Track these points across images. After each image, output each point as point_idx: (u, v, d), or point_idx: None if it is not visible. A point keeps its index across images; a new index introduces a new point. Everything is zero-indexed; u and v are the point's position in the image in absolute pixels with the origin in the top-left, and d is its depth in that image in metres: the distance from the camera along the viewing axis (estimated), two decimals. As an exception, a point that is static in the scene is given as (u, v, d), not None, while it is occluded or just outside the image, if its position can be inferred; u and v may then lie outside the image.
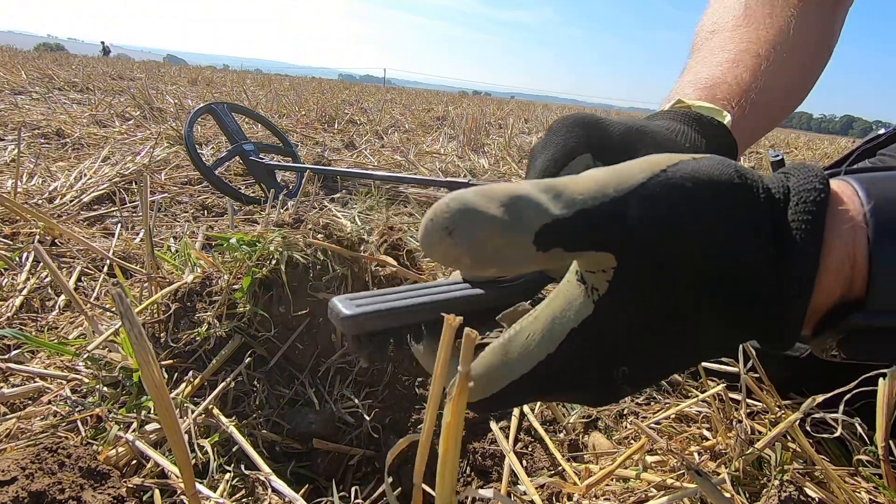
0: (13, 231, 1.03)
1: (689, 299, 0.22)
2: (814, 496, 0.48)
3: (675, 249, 0.21)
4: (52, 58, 8.24)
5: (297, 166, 1.70)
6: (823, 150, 5.69)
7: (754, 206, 0.22)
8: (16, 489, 0.41)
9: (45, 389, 0.59)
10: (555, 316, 0.23)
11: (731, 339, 0.24)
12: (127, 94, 3.65)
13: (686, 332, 0.23)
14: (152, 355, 0.30)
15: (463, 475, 0.58)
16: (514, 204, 0.20)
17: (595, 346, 0.23)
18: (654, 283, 0.22)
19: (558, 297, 0.24)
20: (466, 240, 0.20)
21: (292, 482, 0.53)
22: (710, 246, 0.21)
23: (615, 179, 0.22)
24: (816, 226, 0.21)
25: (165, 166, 1.77)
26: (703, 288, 0.22)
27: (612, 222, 0.21)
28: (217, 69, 15.48)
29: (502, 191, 0.20)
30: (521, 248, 0.20)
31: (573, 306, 0.23)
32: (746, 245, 0.22)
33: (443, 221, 0.20)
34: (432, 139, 3.26)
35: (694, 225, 0.21)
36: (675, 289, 0.22)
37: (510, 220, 0.20)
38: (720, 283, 0.22)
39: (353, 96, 6.99)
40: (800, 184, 0.23)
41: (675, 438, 0.56)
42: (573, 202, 0.21)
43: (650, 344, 0.23)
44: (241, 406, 0.60)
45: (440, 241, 0.20)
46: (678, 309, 0.22)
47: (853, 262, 0.22)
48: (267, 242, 0.65)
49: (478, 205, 0.20)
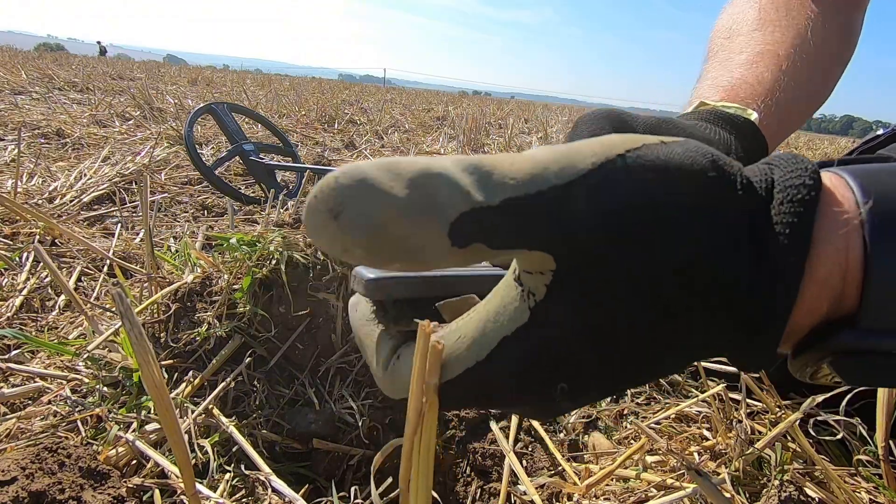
0: (13, 231, 1.03)
1: (642, 312, 0.18)
2: (814, 496, 0.48)
3: (626, 254, 0.18)
4: (52, 58, 8.24)
5: (297, 166, 1.70)
6: (823, 150, 5.69)
7: (730, 202, 0.19)
8: (16, 489, 0.41)
9: (45, 389, 0.59)
10: (488, 319, 0.20)
11: (690, 359, 0.21)
12: (127, 94, 3.65)
13: (635, 348, 0.19)
14: (152, 355, 0.30)
15: (463, 475, 0.58)
16: (426, 183, 0.16)
17: (530, 359, 0.19)
18: (600, 290, 0.18)
19: (495, 298, 0.20)
20: (359, 225, 0.15)
21: (292, 482, 0.53)
22: (672, 251, 0.18)
23: (559, 162, 0.17)
24: (803, 230, 0.18)
25: (165, 166, 1.77)
26: (661, 298, 0.18)
27: (549, 216, 0.17)
28: (217, 69, 15.49)
29: (412, 166, 0.16)
30: (432, 240, 0.16)
31: (507, 311, 0.20)
32: (717, 251, 0.18)
33: (328, 200, 0.16)
34: (432, 139, 3.27)
35: (652, 225, 0.18)
36: (625, 299, 0.18)
37: (418, 204, 0.16)
38: (681, 295, 0.18)
39: (353, 96, 7.00)
40: (786, 177, 0.19)
41: (675, 438, 0.56)
42: (502, 187, 0.17)
43: (594, 359, 0.19)
44: (241, 406, 0.60)
45: (324, 226, 0.16)
46: (628, 322, 0.19)
47: (844, 272, 0.19)
48: (267, 242, 0.65)
49: (377, 180, 0.16)
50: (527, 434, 0.60)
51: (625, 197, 0.18)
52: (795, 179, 0.19)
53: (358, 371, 0.66)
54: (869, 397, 0.50)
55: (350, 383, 0.65)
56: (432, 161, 0.17)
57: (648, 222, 0.18)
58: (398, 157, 0.17)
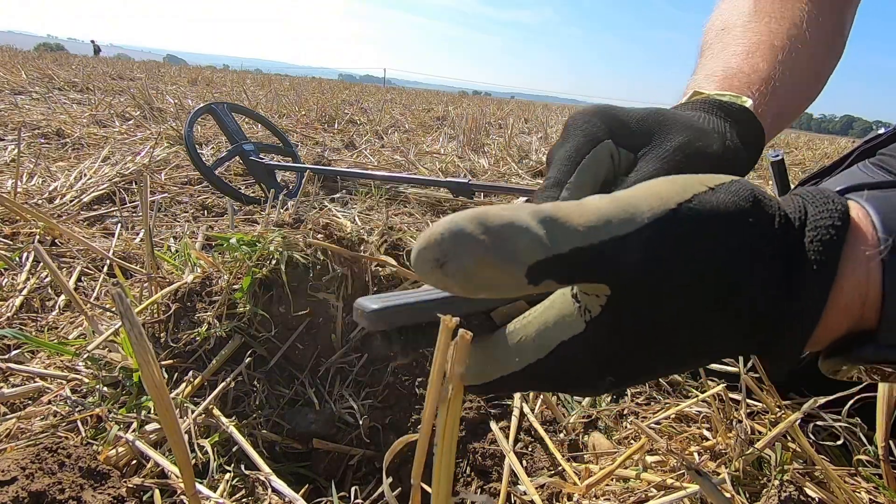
0: (13, 231, 1.03)
1: (685, 331, 0.22)
2: (814, 496, 0.48)
3: (674, 290, 0.21)
4: (52, 58, 8.24)
5: (297, 166, 1.70)
6: (823, 150, 5.69)
7: (768, 241, 0.22)
8: (16, 489, 0.41)
9: (45, 389, 0.59)
10: (547, 326, 0.24)
11: (721, 357, 0.25)
12: (127, 94, 3.65)
13: (677, 356, 0.23)
14: (152, 355, 0.30)
15: (463, 475, 0.58)
16: (511, 236, 0.20)
17: (582, 360, 0.23)
18: (649, 315, 0.22)
19: (552, 308, 0.24)
20: (458, 271, 0.19)
21: (292, 482, 0.53)
22: (714, 287, 0.21)
23: (620, 216, 0.21)
24: (830, 266, 0.21)
25: (165, 166, 1.77)
26: (700, 322, 0.22)
27: (609, 262, 0.21)
28: (217, 69, 15.49)
29: (499, 218, 0.20)
30: (511, 280, 0.20)
31: (565, 320, 0.23)
32: (754, 286, 0.21)
33: (434, 252, 0.20)
34: (432, 139, 3.27)
35: (699, 268, 0.21)
36: (671, 321, 0.22)
37: (503, 254, 0.20)
38: (720, 319, 0.22)
39: (353, 96, 7.00)
40: (817, 216, 0.22)
41: (675, 438, 0.56)
42: (570, 237, 0.20)
43: (638, 360, 0.23)
44: (241, 406, 0.60)
45: (432, 272, 0.20)
46: (671, 338, 0.22)
47: (864, 299, 0.22)
48: (267, 242, 0.65)
49: (472, 235, 0.19)
50: (527, 434, 0.60)
51: (675, 247, 0.21)
52: (826, 220, 0.22)
53: (358, 371, 0.66)
54: (869, 398, 0.50)
55: (350, 383, 0.65)
56: (513, 213, 0.20)
57: (695, 267, 0.21)
58: (487, 209, 0.20)
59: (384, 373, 0.66)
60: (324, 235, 0.68)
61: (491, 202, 1.66)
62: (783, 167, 0.81)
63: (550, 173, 0.37)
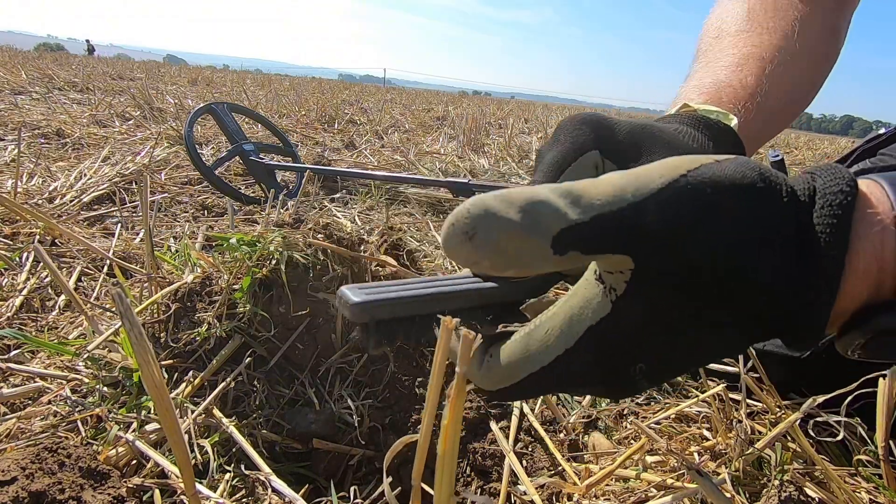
0: (13, 231, 1.03)
1: (709, 301, 0.22)
2: (814, 496, 0.48)
3: (694, 254, 0.21)
4: (52, 58, 8.24)
5: (297, 166, 1.70)
6: (823, 150, 5.69)
7: (777, 209, 0.22)
8: (16, 489, 0.41)
9: (45, 389, 0.59)
10: (573, 313, 0.23)
11: (751, 339, 0.24)
12: (127, 94, 3.65)
13: (705, 332, 0.23)
14: (152, 355, 0.30)
15: (463, 475, 0.58)
16: (533, 208, 0.20)
17: (613, 344, 0.23)
18: (673, 285, 0.22)
19: (577, 295, 0.24)
20: (486, 243, 0.20)
21: (292, 482, 0.53)
22: (731, 250, 0.21)
23: (634, 184, 0.22)
24: (842, 229, 0.21)
25: (165, 166, 1.77)
26: (723, 290, 0.22)
27: (629, 228, 0.21)
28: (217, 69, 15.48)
29: (521, 195, 0.21)
30: (538, 251, 0.21)
31: (591, 304, 0.23)
32: (769, 249, 0.21)
33: (463, 226, 0.20)
34: (432, 139, 3.27)
35: (714, 231, 0.21)
36: (694, 291, 0.22)
37: (529, 224, 0.20)
38: (741, 286, 0.22)
39: (353, 96, 6.99)
40: (826, 185, 0.22)
41: (675, 438, 0.56)
42: (591, 207, 0.21)
43: (669, 343, 0.23)
44: (241, 406, 0.60)
45: (461, 245, 0.20)
46: (698, 310, 0.22)
47: (881, 264, 0.22)
48: (267, 242, 0.65)
49: (497, 209, 0.20)
50: (527, 434, 0.60)
51: (689, 208, 0.21)
52: (834, 187, 0.22)
53: (358, 371, 0.66)
54: (869, 397, 0.50)
55: (350, 383, 0.65)
56: (535, 190, 0.21)
57: (709, 228, 0.21)
58: (510, 189, 0.21)
59: (384, 373, 0.66)
60: (324, 235, 0.68)
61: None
62: (783, 167, 0.81)
63: (536, 176, 0.39)
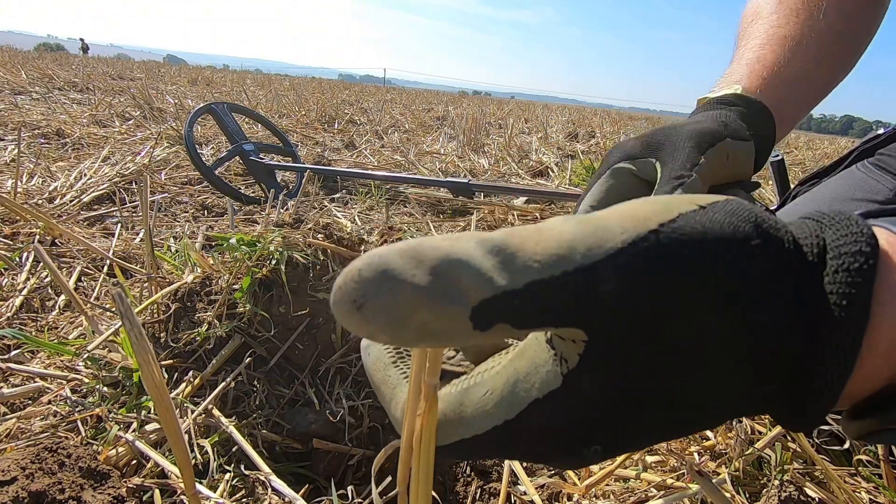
0: (13, 231, 1.03)
1: (681, 381, 0.18)
2: (814, 496, 0.48)
3: (667, 335, 0.17)
4: (52, 58, 8.24)
5: (297, 166, 1.70)
6: (823, 150, 5.69)
7: (778, 272, 0.17)
8: (16, 489, 0.41)
9: (45, 389, 0.59)
10: (518, 378, 0.19)
11: (730, 418, 0.20)
12: (127, 94, 3.65)
13: (677, 415, 0.19)
14: (152, 355, 0.30)
15: (463, 475, 0.58)
16: (448, 272, 0.16)
17: (561, 423, 0.19)
18: (636, 361, 0.17)
19: (523, 356, 0.20)
20: (380, 316, 0.15)
21: (292, 482, 0.53)
22: (713, 328, 0.17)
23: (586, 240, 0.17)
24: (862, 300, 0.17)
25: (165, 166, 1.77)
26: (701, 370, 0.18)
27: (576, 298, 0.16)
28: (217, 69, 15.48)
29: (434, 252, 0.16)
30: (452, 325, 0.16)
31: (539, 372, 0.19)
32: (762, 327, 0.17)
33: (351, 292, 0.15)
34: (432, 139, 3.27)
35: (696, 307, 0.17)
36: (663, 370, 0.17)
37: (439, 292, 0.15)
38: (724, 367, 0.18)
39: (353, 96, 7.00)
40: (840, 242, 0.18)
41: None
42: (525, 270, 0.16)
43: (628, 425, 0.19)
44: (241, 406, 0.60)
45: (349, 315, 0.16)
46: (665, 391, 0.18)
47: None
48: (267, 242, 0.65)
49: (399, 271, 0.15)
50: (527, 434, 0.60)
51: (659, 279, 0.17)
52: (851, 245, 0.17)
53: (358, 371, 0.66)
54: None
55: (350, 383, 0.65)
56: (455, 245, 0.16)
57: (689, 304, 0.17)
58: (422, 240, 0.16)
59: (384, 373, 0.66)
60: (324, 235, 0.68)
61: (491, 202, 1.66)
62: (783, 167, 0.81)
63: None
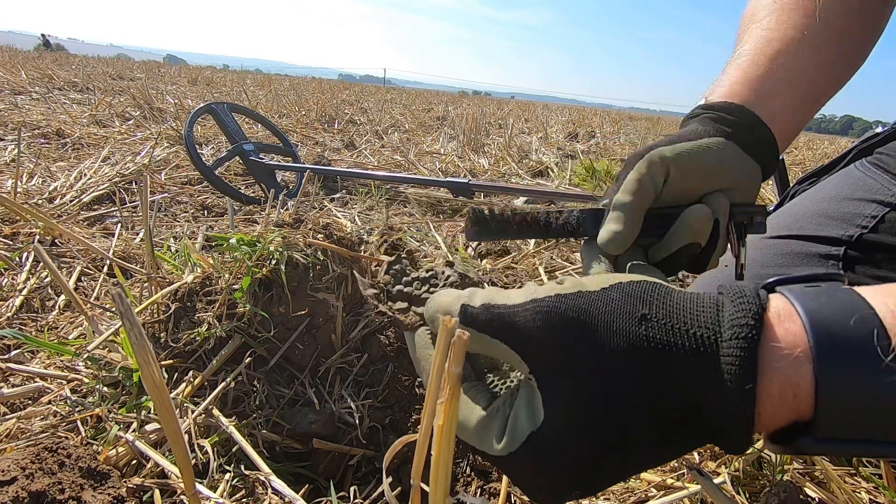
0: (13, 231, 1.03)
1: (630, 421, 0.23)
2: (814, 496, 0.48)
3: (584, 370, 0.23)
4: (52, 58, 8.24)
5: (297, 166, 1.70)
6: (823, 150, 5.69)
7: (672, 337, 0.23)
8: (16, 489, 0.41)
9: (45, 389, 0.59)
10: (522, 412, 0.25)
11: (669, 459, 0.26)
12: (127, 94, 3.65)
13: (632, 448, 0.23)
14: (152, 355, 0.30)
15: (463, 475, 0.58)
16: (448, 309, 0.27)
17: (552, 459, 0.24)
18: (569, 398, 0.23)
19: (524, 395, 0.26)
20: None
21: (292, 482, 0.53)
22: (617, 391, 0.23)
23: (525, 295, 0.26)
24: (750, 363, 0.21)
25: (165, 166, 1.77)
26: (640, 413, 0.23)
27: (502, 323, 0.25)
28: (217, 69, 15.47)
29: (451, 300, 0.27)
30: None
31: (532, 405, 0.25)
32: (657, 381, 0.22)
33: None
34: (432, 139, 3.27)
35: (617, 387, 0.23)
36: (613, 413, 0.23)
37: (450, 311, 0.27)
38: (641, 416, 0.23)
39: (353, 96, 7.00)
40: (733, 316, 0.22)
41: (675, 438, 0.56)
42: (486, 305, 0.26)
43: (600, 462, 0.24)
44: (241, 406, 0.60)
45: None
46: (622, 429, 0.23)
47: (796, 391, 0.22)
48: (267, 242, 0.65)
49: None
50: (527, 434, 0.60)
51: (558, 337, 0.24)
52: (741, 318, 0.22)
53: (358, 371, 0.66)
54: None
55: (350, 383, 0.65)
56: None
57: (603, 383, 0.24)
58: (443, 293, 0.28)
59: (384, 373, 0.66)
60: (324, 235, 0.68)
61: (490, 202, 1.66)
62: (783, 167, 0.81)
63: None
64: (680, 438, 0.24)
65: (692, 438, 0.24)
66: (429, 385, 0.24)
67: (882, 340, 0.21)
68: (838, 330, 0.22)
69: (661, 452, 0.24)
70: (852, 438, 0.22)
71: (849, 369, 0.21)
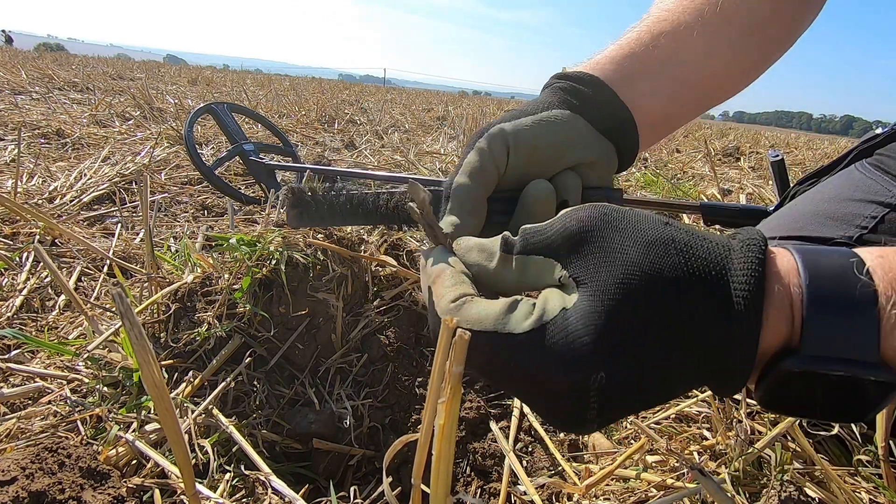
0: (13, 231, 1.03)
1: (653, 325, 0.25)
2: (814, 496, 0.48)
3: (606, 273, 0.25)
4: (52, 58, 8.24)
5: (297, 166, 1.70)
6: (824, 150, 5.68)
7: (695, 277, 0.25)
8: (16, 489, 0.41)
9: (45, 389, 0.59)
10: (549, 298, 0.27)
11: (682, 390, 0.28)
12: (127, 94, 3.65)
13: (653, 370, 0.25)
14: (152, 355, 0.30)
15: (463, 475, 0.58)
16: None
17: (579, 335, 0.25)
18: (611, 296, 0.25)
19: (552, 292, 0.27)
20: None
21: (292, 482, 0.53)
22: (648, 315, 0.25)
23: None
24: (756, 298, 0.24)
25: (165, 166, 1.77)
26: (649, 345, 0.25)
27: (540, 235, 0.28)
28: (217, 69, 15.46)
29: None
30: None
31: (562, 296, 0.27)
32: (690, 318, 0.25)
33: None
34: (432, 139, 3.27)
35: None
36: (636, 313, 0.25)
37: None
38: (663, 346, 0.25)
39: (353, 96, 7.00)
40: (743, 258, 0.25)
41: (675, 438, 0.56)
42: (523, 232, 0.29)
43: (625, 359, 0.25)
44: (241, 406, 0.60)
45: None
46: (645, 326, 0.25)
47: (791, 320, 0.25)
48: (267, 242, 0.65)
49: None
50: (527, 434, 0.60)
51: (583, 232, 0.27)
52: (752, 261, 0.25)
53: (358, 371, 0.66)
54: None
55: (350, 383, 0.65)
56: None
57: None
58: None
59: (384, 373, 0.66)
60: (324, 235, 0.68)
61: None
62: (783, 167, 0.81)
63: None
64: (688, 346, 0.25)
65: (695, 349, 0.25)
66: (430, 383, 0.24)
67: (860, 266, 0.25)
68: (826, 262, 0.26)
69: (668, 367, 0.25)
70: (834, 357, 0.24)
71: (832, 292, 0.25)
